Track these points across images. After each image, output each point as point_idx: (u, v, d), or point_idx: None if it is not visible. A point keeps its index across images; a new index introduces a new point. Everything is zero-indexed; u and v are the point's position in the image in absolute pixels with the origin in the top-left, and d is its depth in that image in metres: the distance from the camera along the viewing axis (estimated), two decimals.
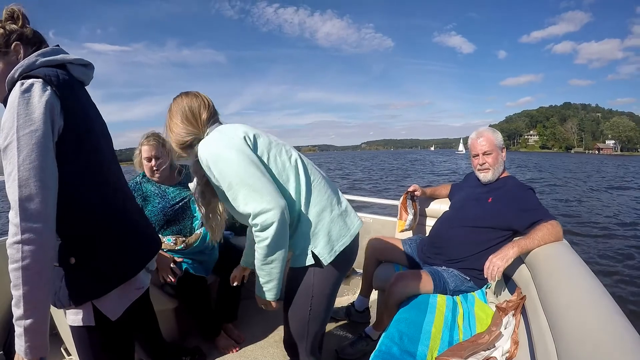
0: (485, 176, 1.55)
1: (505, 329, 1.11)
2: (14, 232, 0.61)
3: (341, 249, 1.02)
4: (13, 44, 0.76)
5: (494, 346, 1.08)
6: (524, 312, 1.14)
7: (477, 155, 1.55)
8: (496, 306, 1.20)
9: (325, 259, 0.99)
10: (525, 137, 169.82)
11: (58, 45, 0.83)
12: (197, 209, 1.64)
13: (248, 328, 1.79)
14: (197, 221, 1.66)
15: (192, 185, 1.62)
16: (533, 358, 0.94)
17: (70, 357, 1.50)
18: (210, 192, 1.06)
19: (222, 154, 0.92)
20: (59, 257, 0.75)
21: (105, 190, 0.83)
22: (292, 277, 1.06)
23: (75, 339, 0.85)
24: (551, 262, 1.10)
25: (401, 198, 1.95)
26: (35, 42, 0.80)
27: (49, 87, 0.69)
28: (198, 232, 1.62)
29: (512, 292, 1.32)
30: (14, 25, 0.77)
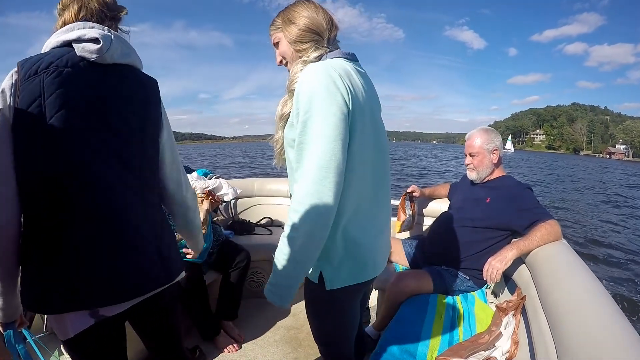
0: (469, 174, 1.61)
1: (505, 329, 1.11)
2: None
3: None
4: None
5: (494, 346, 1.08)
6: (524, 312, 1.14)
7: (466, 155, 1.60)
8: (496, 306, 1.20)
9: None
10: (531, 135, 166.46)
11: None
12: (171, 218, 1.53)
13: (248, 327, 1.79)
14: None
15: None
16: (533, 358, 0.94)
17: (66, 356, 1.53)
18: None
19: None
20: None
21: (82, 190, 0.67)
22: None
23: None
24: (551, 262, 1.11)
25: (400, 199, 1.95)
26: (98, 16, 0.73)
27: (13, 73, 0.64)
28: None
29: (512, 292, 1.33)
30: None
